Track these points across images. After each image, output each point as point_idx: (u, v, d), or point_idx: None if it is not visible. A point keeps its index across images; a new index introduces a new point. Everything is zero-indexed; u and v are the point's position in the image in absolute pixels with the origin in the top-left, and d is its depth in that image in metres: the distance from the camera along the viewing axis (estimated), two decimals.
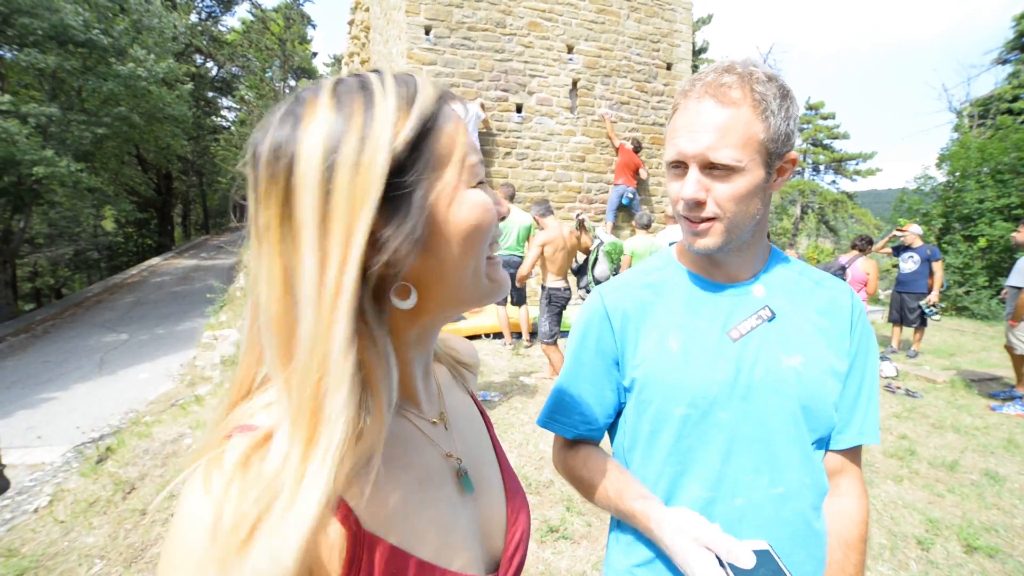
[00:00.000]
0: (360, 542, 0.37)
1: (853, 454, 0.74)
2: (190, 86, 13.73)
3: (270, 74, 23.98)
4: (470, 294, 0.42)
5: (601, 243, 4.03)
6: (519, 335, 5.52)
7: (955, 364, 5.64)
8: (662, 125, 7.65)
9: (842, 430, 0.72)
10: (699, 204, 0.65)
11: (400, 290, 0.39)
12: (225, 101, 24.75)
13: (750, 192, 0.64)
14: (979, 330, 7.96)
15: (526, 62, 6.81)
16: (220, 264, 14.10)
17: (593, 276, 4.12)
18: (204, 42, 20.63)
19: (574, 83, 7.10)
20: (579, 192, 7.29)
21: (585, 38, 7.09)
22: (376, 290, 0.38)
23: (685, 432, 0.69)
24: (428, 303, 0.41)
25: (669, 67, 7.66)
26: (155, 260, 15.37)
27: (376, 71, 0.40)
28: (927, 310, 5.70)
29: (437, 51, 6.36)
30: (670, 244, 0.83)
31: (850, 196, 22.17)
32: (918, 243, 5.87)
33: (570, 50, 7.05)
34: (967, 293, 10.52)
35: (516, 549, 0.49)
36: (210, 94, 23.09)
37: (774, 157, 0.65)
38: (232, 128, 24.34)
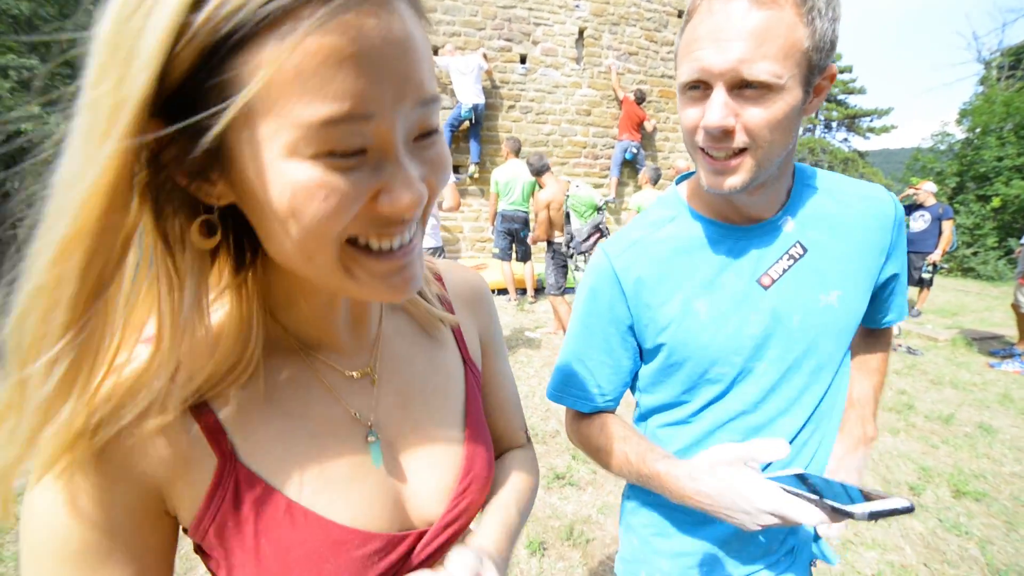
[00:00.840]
0: (230, 472, 0.37)
1: (886, 330, 0.81)
2: None
3: None
4: (325, 281, 0.34)
5: (568, 197, 3.92)
6: (524, 291, 5.53)
7: (957, 323, 5.66)
8: (671, 76, 7.33)
9: (883, 315, 0.77)
10: (727, 133, 0.54)
11: (202, 222, 0.32)
12: None
13: (787, 116, 0.54)
14: (984, 290, 7.94)
15: (530, 9, 6.45)
16: None
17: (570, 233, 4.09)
18: None
19: (580, 32, 6.75)
20: (584, 147, 7.10)
21: None
22: (179, 208, 0.32)
23: (720, 389, 0.67)
24: (273, 258, 0.35)
25: (680, 14, 7.26)
26: None
27: None
28: (926, 268, 5.66)
29: None
30: (676, 183, 0.73)
31: (862, 155, 21.53)
32: (931, 201, 5.75)
33: None
34: (975, 254, 10.42)
35: (457, 519, 0.46)
36: None
37: (815, 71, 0.54)
38: None
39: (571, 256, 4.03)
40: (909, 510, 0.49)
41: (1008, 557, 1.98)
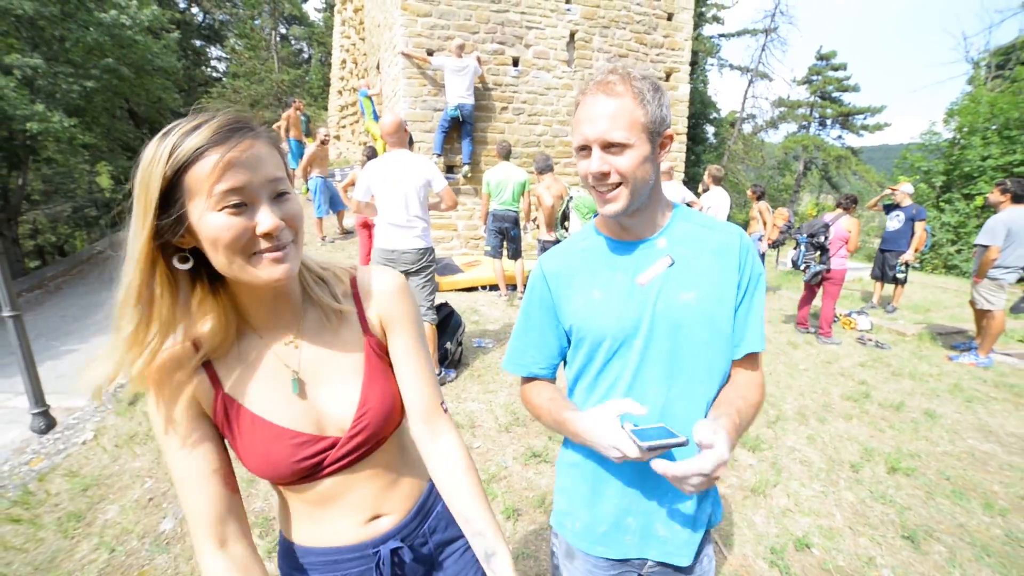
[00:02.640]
0: (220, 397, 0.71)
1: (750, 361, 0.94)
2: (176, 34, 13.26)
3: (259, 22, 22.92)
4: (241, 275, 0.63)
5: (571, 198, 4.20)
6: (514, 287, 5.78)
7: (928, 319, 5.92)
8: (661, 78, 7.54)
9: (738, 343, 0.92)
10: (604, 175, 0.83)
11: (179, 256, 0.64)
12: (215, 51, 23.82)
13: (641, 161, 0.82)
14: (961, 287, 8.19)
15: (523, 13, 6.66)
16: None
17: (566, 231, 4.31)
18: None
19: (572, 35, 6.96)
20: None
21: None
22: (172, 253, 0.64)
23: (608, 359, 0.91)
24: (220, 273, 0.64)
25: (670, 17, 7.46)
26: None
27: (195, 115, 0.62)
28: (899, 267, 5.92)
29: (432, 2, 6.22)
30: (594, 216, 1.03)
31: (855, 152, 21.74)
32: (907, 202, 5.99)
33: (568, 0, 6.85)
34: (959, 251, 10.68)
35: (359, 433, 0.74)
36: (197, 43, 22.17)
37: (655, 135, 0.84)
38: (226, 81, 23.55)
39: None
40: (683, 443, 0.75)
41: (920, 520, 2.26)
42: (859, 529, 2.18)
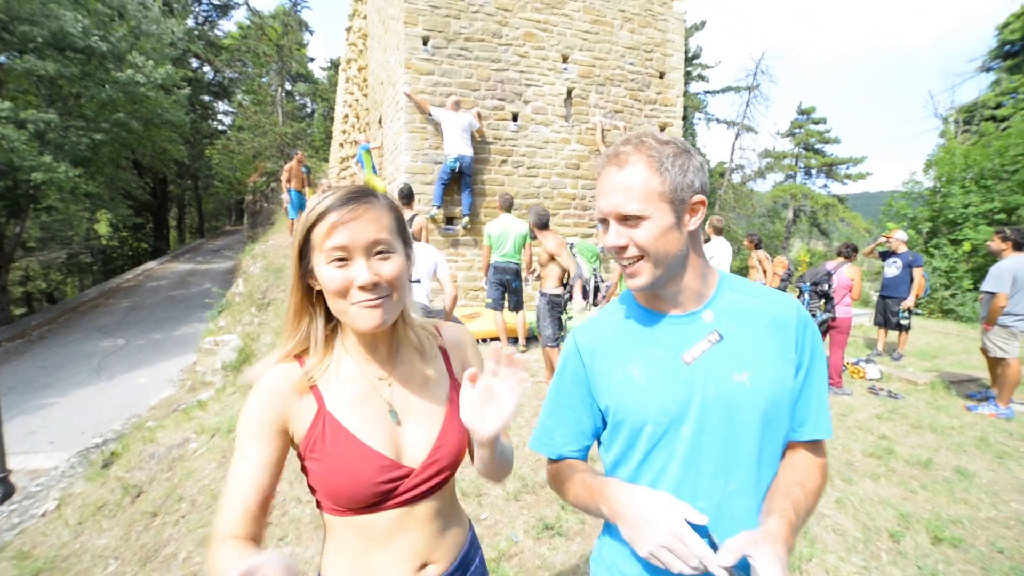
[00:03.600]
0: (321, 414, 0.79)
1: (813, 444, 0.84)
2: (187, 91, 13.78)
3: (266, 79, 24.03)
4: (343, 318, 0.78)
5: (571, 245, 4.22)
6: (516, 340, 5.65)
7: (937, 366, 5.82)
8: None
9: (799, 427, 0.83)
10: (622, 248, 0.79)
11: (317, 295, 0.81)
12: (222, 105, 24.79)
13: (662, 232, 0.77)
14: (963, 332, 8.16)
15: (522, 72, 6.97)
16: (216, 268, 14.15)
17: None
18: (201, 47, 20.68)
19: (569, 92, 7.26)
20: (574, 199, 7.45)
21: (580, 48, 7.25)
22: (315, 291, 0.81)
23: (652, 446, 0.81)
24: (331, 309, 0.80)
25: (662, 76, 7.84)
26: (151, 264, 15.38)
27: (331, 191, 0.76)
28: (902, 314, 5.89)
29: (435, 61, 6.50)
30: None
31: (841, 199, 22.49)
32: (902, 249, 6.06)
33: (565, 60, 7.21)
34: (952, 296, 10.76)
35: (431, 465, 0.82)
36: (206, 98, 23.10)
37: (679, 202, 0.78)
38: (229, 133, 24.32)
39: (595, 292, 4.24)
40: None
41: None
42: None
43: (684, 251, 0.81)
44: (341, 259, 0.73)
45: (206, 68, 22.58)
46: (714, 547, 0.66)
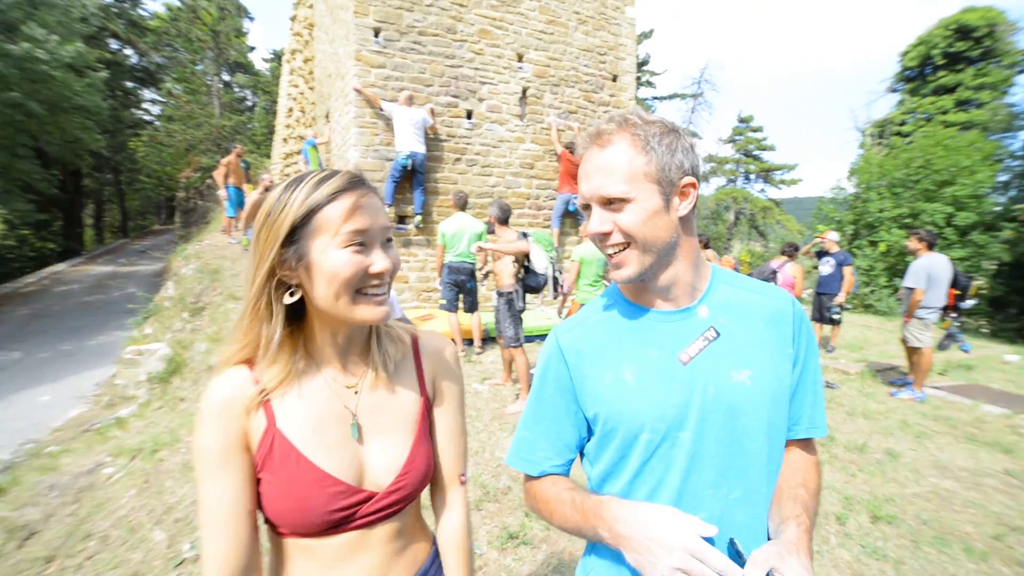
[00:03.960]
0: (271, 431, 0.69)
1: (806, 443, 0.81)
2: (104, 74, 12.49)
3: (201, 67, 22.32)
4: (340, 312, 0.69)
5: (526, 235, 4.12)
6: (471, 342, 5.54)
7: (864, 357, 6.31)
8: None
9: (795, 424, 0.79)
10: (606, 235, 0.73)
11: (289, 290, 0.70)
12: (148, 93, 22.73)
13: (649, 216, 0.71)
14: (882, 325, 8.92)
15: (476, 69, 6.86)
16: (142, 271, 12.97)
17: (532, 267, 4.18)
18: (121, 26, 18.88)
19: (524, 91, 7.24)
20: (528, 199, 7.43)
21: (535, 48, 7.25)
22: (281, 286, 0.70)
23: (648, 456, 0.73)
24: (314, 307, 0.70)
25: (615, 79, 8.00)
26: (60, 266, 13.83)
27: (319, 172, 0.69)
28: (834, 309, 6.34)
29: (386, 54, 6.27)
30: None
31: (777, 203, 24.08)
32: (835, 249, 6.51)
33: (520, 59, 7.18)
34: (872, 292, 11.77)
35: (396, 492, 0.74)
36: (129, 84, 21.07)
37: (667, 184, 0.71)
38: (159, 124, 22.36)
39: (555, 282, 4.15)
40: None
41: (917, 575, 2.18)
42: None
43: (675, 239, 0.74)
44: (361, 244, 0.67)
45: (128, 51, 20.59)
46: (739, 556, 0.60)
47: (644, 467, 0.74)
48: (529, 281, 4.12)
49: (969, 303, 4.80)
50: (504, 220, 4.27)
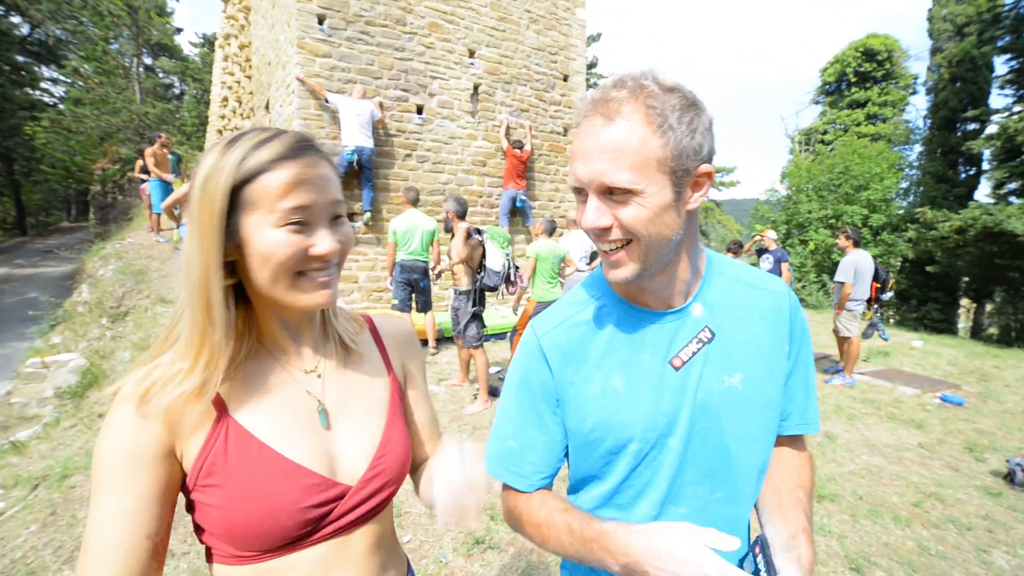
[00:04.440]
0: (223, 421, 0.59)
1: (798, 441, 0.78)
2: None
3: (116, 46, 20.15)
4: (279, 297, 0.60)
5: (480, 231, 4.04)
6: (425, 342, 5.39)
7: None
8: (559, 133, 8.04)
9: (786, 418, 0.75)
10: (604, 230, 0.61)
11: (225, 270, 0.59)
12: (49, 72, 20.11)
13: (658, 213, 0.59)
14: (812, 318, 9.64)
15: (427, 63, 6.69)
16: (47, 273, 11.59)
17: (485, 266, 4.10)
18: None
19: (475, 88, 7.15)
20: (480, 196, 7.35)
21: (487, 44, 7.18)
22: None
23: (637, 462, 0.69)
24: (254, 289, 0.61)
25: (566, 78, 8.09)
26: None
27: (261, 129, 0.59)
28: None
29: (332, 43, 5.96)
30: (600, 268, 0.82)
31: (717, 204, 25.49)
32: (773, 246, 6.94)
33: (472, 55, 7.08)
34: (803, 287, 12.75)
35: (373, 479, 0.65)
36: (20, 59, 18.39)
37: (681, 173, 0.59)
38: (63, 107, 19.96)
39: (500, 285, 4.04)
40: None
41: (857, 546, 2.34)
42: (815, 570, 2.16)
43: (679, 236, 0.64)
44: (301, 222, 0.57)
45: (16, 18, 17.84)
46: (770, 567, 0.56)
47: (632, 473, 0.70)
48: (487, 281, 4.04)
49: (888, 295, 5.26)
50: (462, 215, 4.16)
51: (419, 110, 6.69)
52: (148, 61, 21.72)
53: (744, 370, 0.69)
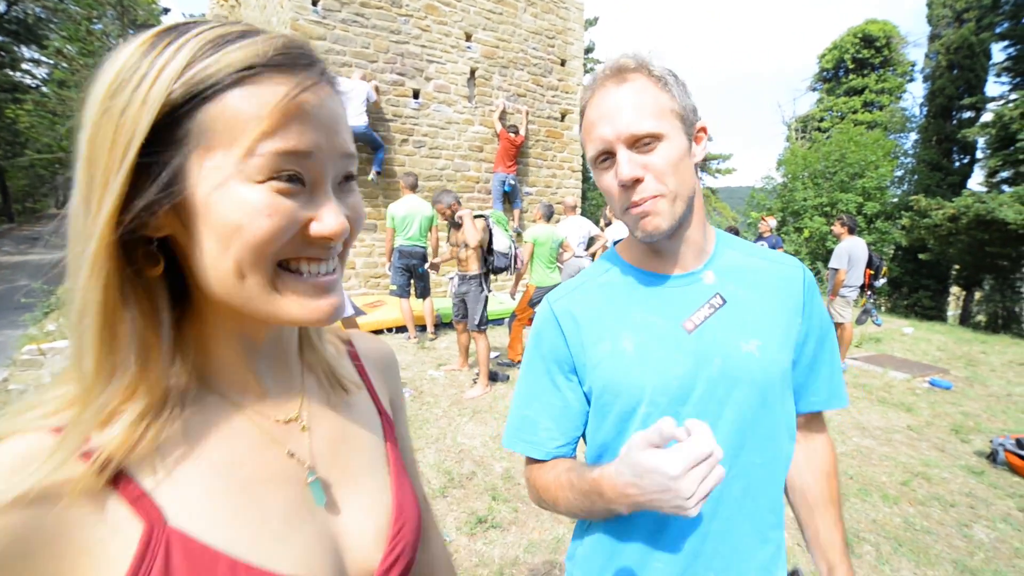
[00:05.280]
0: (159, 538, 0.34)
1: (819, 420, 0.81)
2: None
3: (100, 26, 19.52)
4: (247, 302, 0.37)
5: (485, 216, 4.05)
6: (424, 328, 5.40)
7: None
8: (557, 119, 7.98)
9: (808, 395, 0.76)
10: (638, 182, 0.64)
11: (148, 255, 0.36)
12: (30, 52, 19.44)
13: (680, 158, 0.65)
14: None
15: (423, 46, 6.59)
16: (35, 260, 11.44)
17: (494, 249, 4.12)
18: None
19: (472, 72, 7.06)
20: (477, 182, 7.32)
21: (483, 27, 7.07)
22: (134, 252, 0.36)
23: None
24: (202, 287, 0.38)
25: (563, 63, 8.00)
26: None
27: (222, 21, 0.36)
28: None
29: (326, 25, 5.84)
30: (614, 243, 0.84)
31: (713, 191, 25.50)
32: (768, 233, 6.99)
33: (468, 38, 6.98)
34: None
35: (396, 563, 0.46)
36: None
37: (689, 124, 0.68)
38: (47, 89, 19.38)
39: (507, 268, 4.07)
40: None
41: (848, 523, 2.41)
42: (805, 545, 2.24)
43: (694, 192, 0.70)
44: (295, 179, 0.35)
45: None
46: None
47: None
48: (497, 263, 4.06)
49: (881, 282, 5.33)
50: (459, 203, 4.16)
51: (415, 94, 6.61)
52: None
53: (760, 337, 0.70)
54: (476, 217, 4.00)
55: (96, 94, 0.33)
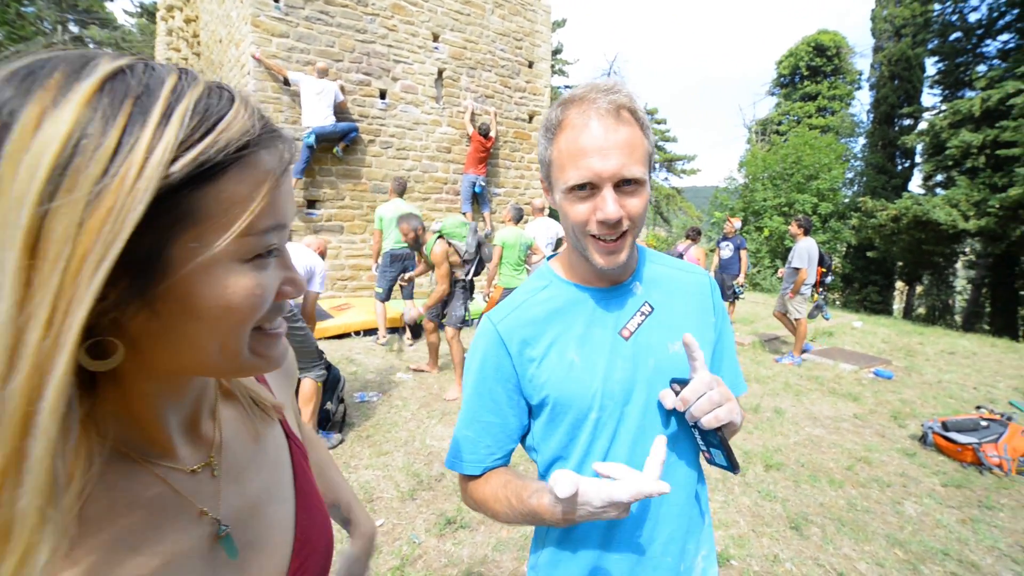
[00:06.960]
0: None
1: None
2: None
3: (32, 9, 18.16)
4: (218, 367, 0.37)
5: (436, 231, 4.02)
6: (394, 330, 5.36)
7: (754, 329, 7.16)
8: (524, 120, 8.04)
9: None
10: (617, 222, 0.68)
11: (103, 345, 0.31)
12: None
13: (647, 202, 0.71)
14: (767, 301, 10.17)
15: (390, 46, 6.52)
16: None
17: (464, 256, 4.13)
18: None
19: (440, 73, 7.03)
20: (445, 183, 7.30)
21: (451, 28, 7.06)
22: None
23: (597, 433, 0.75)
24: (154, 367, 0.35)
25: (531, 65, 8.07)
26: None
27: (183, 71, 0.33)
28: (737, 289, 7.11)
29: (289, 22, 5.70)
30: (547, 259, 0.89)
31: (679, 191, 26.21)
32: (732, 233, 7.25)
33: (436, 39, 6.95)
34: (758, 272, 13.40)
35: None
36: None
37: (650, 166, 0.74)
38: None
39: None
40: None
41: (797, 508, 2.57)
42: (760, 530, 2.36)
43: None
44: (274, 251, 0.37)
45: None
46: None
47: (593, 444, 0.76)
48: (469, 275, 4.07)
49: (830, 278, 5.64)
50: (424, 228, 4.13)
51: (382, 95, 6.53)
52: (75, 30, 19.88)
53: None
54: (437, 237, 3.92)
55: (36, 159, 0.26)
